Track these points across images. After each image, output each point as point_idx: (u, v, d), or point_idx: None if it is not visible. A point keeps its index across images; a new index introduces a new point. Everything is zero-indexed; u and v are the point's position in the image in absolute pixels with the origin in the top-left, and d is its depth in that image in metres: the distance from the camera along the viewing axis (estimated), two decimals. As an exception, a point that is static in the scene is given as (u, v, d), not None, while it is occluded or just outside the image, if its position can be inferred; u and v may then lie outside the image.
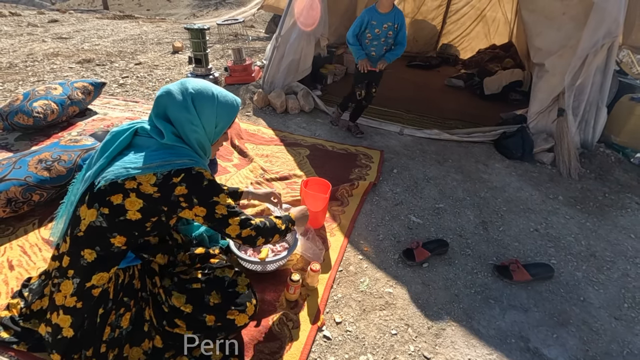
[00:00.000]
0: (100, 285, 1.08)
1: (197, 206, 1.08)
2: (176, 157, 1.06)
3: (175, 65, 4.68)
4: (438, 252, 1.88)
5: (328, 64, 4.55)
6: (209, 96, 1.11)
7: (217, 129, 1.16)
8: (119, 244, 1.07)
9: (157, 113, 1.12)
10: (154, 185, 1.02)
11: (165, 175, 1.03)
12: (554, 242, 2.08)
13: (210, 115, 1.11)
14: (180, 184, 1.04)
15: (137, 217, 1.05)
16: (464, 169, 2.79)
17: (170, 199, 1.05)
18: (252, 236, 1.19)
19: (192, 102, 1.09)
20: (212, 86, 1.15)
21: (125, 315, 1.15)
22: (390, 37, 2.64)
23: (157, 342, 1.19)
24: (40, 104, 2.60)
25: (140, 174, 1.01)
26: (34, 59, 4.53)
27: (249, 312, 1.23)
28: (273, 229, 1.28)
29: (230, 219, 1.14)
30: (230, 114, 1.17)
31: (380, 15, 2.57)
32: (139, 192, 1.03)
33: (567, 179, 2.76)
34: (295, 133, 3.11)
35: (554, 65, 2.91)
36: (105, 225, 1.04)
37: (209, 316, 1.18)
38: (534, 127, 3.13)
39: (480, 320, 1.57)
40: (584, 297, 1.73)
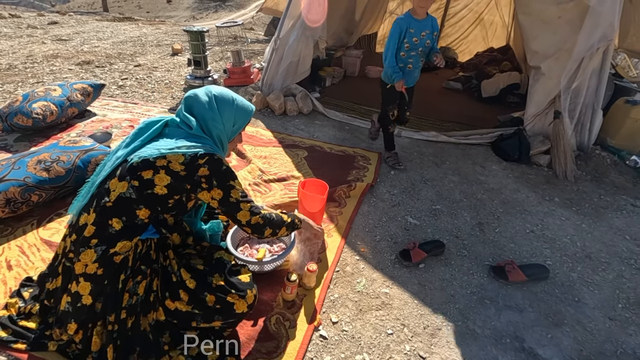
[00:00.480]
0: (123, 252, 1.17)
1: (215, 188, 1.21)
2: (202, 144, 1.21)
3: (174, 67, 4.70)
4: (434, 252, 1.90)
5: (327, 67, 4.57)
6: (229, 99, 1.30)
7: (235, 127, 1.33)
8: (142, 216, 1.19)
9: (185, 108, 1.29)
10: (182, 164, 1.17)
11: (192, 157, 1.17)
12: (550, 243, 2.10)
13: (229, 115, 1.29)
14: (204, 166, 1.18)
15: (164, 192, 1.18)
16: (461, 171, 2.81)
17: (194, 178, 1.18)
18: (260, 224, 1.30)
19: (216, 102, 1.27)
20: (233, 93, 1.34)
21: (142, 282, 1.22)
22: (428, 47, 2.40)
23: (160, 314, 1.25)
24: (39, 105, 2.62)
25: (171, 153, 1.17)
26: (34, 60, 4.54)
27: (248, 299, 1.28)
28: (280, 222, 1.39)
29: (242, 204, 1.26)
30: (246, 115, 1.35)
31: (418, 22, 2.31)
32: (168, 169, 1.17)
33: (563, 180, 2.78)
34: (293, 135, 3.13)
35: (550, 68, 2.93)
36: (135, 197, 1.17)
37: (209, 295, 1.24)
38: (530, 129, 3.15)
39: (475, 320, 1.58)
40: (578, 297, 1.75)
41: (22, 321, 1.31)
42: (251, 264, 1.57)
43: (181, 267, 1.29)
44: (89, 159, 2.06)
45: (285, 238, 1.77)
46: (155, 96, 3.75)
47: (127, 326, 1.18)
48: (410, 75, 2.47)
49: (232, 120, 1.30)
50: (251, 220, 1.28)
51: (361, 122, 3.48)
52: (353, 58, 5.02)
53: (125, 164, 1.18)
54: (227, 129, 1.31)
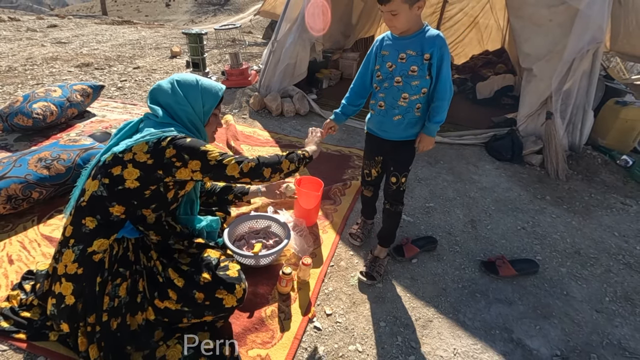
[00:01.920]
0: (101, 251, 1.18)
1: (190, 161, 1.17)
2: (167, 129, 1.21)
3: (173, 70, 4.75)
4: (427, 248, 1.94)
5: (324, 69, 4.63)
6: (192, 81, 1.29)
7: (205, 108, 1.31)
8: (117, 212, 1.19)
9: (150, 101, 1.29)
10: (146, 152, 1.15)
11: (155, 142, 1.16)
12: (540, 239, 2.15)
13: (195, 96, 1.28)
14: (168, 147, 1.16)
15: (136, 185, 1.17)
16: (454, 170, 2.86)
17: (164, 162, 1.16)
18: (253, 167, 1.24)
19: (179, 87, 1.26)
20: (195, 75, 1.33)
21: (122, 285, 1.21)
22: (415, 77, 1.46)
23: (150, 314, 1.24)
24: (39, 105, 2.66)
25: (135, 144, 1.16)
26: (33, 62, 4.59)
27: (237, 293, 1.28)
28: (275, 158, 1.32)
29: (225, 160, 1.22)
30: (214, 94, 1.32)
31: (396, 40, 1.49)
32: (135, 162, 1.16)
33: (555, 180, 2.83)
34: (290, 135, 3.17)
35: (542, 69, 3.00)
36: (106, 195, 1.17)
37: (198, 293, 1.24)
38: (523, 130, 3.21)
39: (466, 313, 1.62)
40: (567, 291, 1.79)
41: (23, 312, 1.34)
42: (247, 258, 1.61)
43: (168, 267, 1.28)
44: (89, 157, 2.10)
45: (281, 232, 1.82)
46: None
47: (111, 328, 1.18)
48: (384, 120, 1.59)
49: (200, 101, 1.29)
50: (242, 168, 1.23)
51: (357, 123, 3.53)
52: (350, 61, 5.09)
53: (99, 163, 1.22)
54: (198, 111, 1.30)
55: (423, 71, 1.45)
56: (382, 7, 1.38)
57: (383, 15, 1.40)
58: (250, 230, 1.85)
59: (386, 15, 1.39)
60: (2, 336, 1.29)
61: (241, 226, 1.82)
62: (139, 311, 1.23)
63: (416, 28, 1.44)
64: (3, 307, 1.36)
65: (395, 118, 1.56)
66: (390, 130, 1.61)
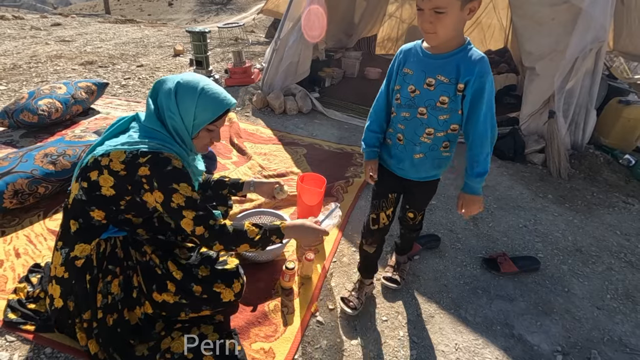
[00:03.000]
0: (83, 256, 1.15)
1: (156, 190, 1.09)
2: (149, 140, 1.11)
3: (176, 68, 4.77)
4: (429, 246, 1.95)
5: (326, 67, 4.65)
6: (192, 88, 1.14)
7: (196, 122, 1.15)
8: (98, 217, 1.15)
9: (151, 93, 1.19)
10: (122, 162, 1.08)
11: (134, 155, 1.07)
12: (542, 237, 2.16)
13: (189, 106, 1.13)
14: (145, 165, 1.07)
15: (111, 194, 1.11)
16: (456, 168, 2.86)
17: (134, 178, 1.08)
18: (205, 237, 1.13)
19: (176, 90, 1.14)
20: (205, 82, 1.17)
21: (114, 282, 1.20)
22: (444, 111, 1.17)
23: (147, 308, 1.24)
24: (45, 102, 2.68)
25: (114, 150, 1.08)
26: (38, 60, 4.62)
27: (235, 288, 1.28)
28: (240, 237, 1.18)
29: (185, 211, 1.10)
30: (211, 110, 1.16)
31: (427, 57, 1.17)
32: (110, 169, 1.09)
33: (557, 178, 2.84)
34: (293, 133, 3.19)
35: (545, 68, 3.00)
36: (85, 199, 1.13)
37: (196, 286, 1.23)
38: (525, 128, 3.21)
39: (467, 309, 1.63)
40: (568, 288, 1.80)
41: (30, 304, 1.36)
42: (251, 253, 1.62)
43: (167, 260, 1.25)
44: (94, 153, 2.12)
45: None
46: (158, 95, 3.81)
47: (108, 324, 1.18)
48: (402, 157, 1.30)
49: (191, 113, 1.14)
50: (195, 230, 1.12)
51: (360, 121, 3.54)
52: (352, 60, 5.09)
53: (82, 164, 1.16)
54: (187, 123, 1.15)
55: (455, 104, 1.14)
56: (424, 3, 1.03)
57: (420, 16, 1.05)
58: (254, 226, 1.86)
59: (426, 15, 1.04)
60: (10, 327, 1.31)
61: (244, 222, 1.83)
62: (137, 306, 1.23)
63: (457, 43, 1.10)
64: (10, 299, 1.38)
65: (416, 156, 1.26)
66: (409, 170, 1.32)
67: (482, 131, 1.15)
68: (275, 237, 1.24)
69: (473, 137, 1.17)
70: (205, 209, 1.15)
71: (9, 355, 1.24)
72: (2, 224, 1.81)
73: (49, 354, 1.26)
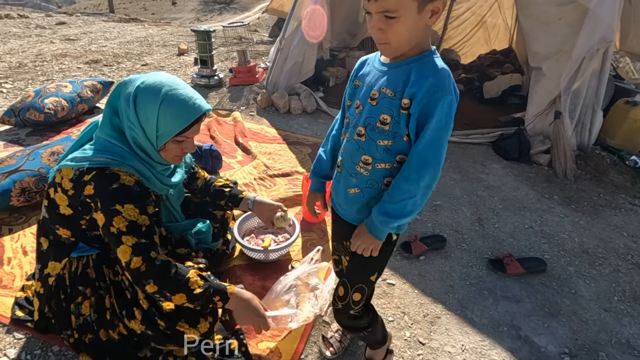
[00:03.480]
0: (54, 274, 1.11)
1: (98, 211, 0.97)
2: (99, 154, 0.98)
3: (180, 67, 4.78)
4: (435, 246, 1.94)
5: (330, 67, 4.64)
6: (154, 94, 0.98)
7: (160, 133, 1.01)
8: (65, 235, 1.07)
9: (111, 99, 1.04)
10: (70, 180, 0.98)
11: (81, 172, 0.97)
12: (548, 238, 2.14)
13: (150, 116, 0.98)
14: (90, 183, 0.96)
15: (69, 213, 1.02)
16: (462, 169, 2.85)
17: (81, 198, 0.97)
18: (140, 271, 0.97)
19: (135, 96, 0.99)
20: (170, 84, 1.00)
21: (84, 303, 1.13)
22: (386, 134, 0.90)
23: (122, 329, 1.14)
24: (51, 100, 2.69)
25: (64, 165, 0.99)
26: (43, 59, 4.64)
27: (201, 328, 1.11)
28: (179, 284, 1.00)
29: (125, 237, 0.96)
30: (178, 119, 1.01)
31: (378, 66, 0.95)
32: (61, 187, 0.99)
33: (563, 179, 2.82)
34: (297, 132, 3.19)
35: (551, 69, 2.98)
36: (47, 217, 1.06)
37: (160, 320, 1.09)
38: (531, 129, 3.20)
39: (473, 310, 1.63)
40: (575, 290, 1.79)
41: (37, 302, 1.36)
42: (257, 252, 1.62)
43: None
44: (100, 152, 2.12)
45: (289, 229, 1.83)
46: (162, 94, 3.82)
47: (87, 343, 1.13)
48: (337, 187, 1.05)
49: (154, 123, 0.99)
50: (130, 262, 0.96)
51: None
52: (356, 59, 5.05)
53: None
54: (149, 134, 1.00)
55: (399, 127, 0.87)
56: (370, 5, 0.80)
57: (369, 21, 0.84)
58: (260, 225, 1.87)
59: (375, 20, 0.82)
60: (18, 325, 1.32)
61: (250, 221, 1.83)
62: (110, 329, 1.14)
63: (417, 51, 0.87)
64: (18, 296, 1.39)
65: (350, 191, 0.99)
66: (346, 208, 1.03)
67: (416, 165, 0.86)
68: (219, 299, 1.06)
69: (405, 166, 0.88)
70: (149, 238, 0.99)
71: (17, 353, 1.25)
72: (10, 221, 1.82)
73: (57, 352, 1.26)
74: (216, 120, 3.16)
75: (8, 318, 1.33)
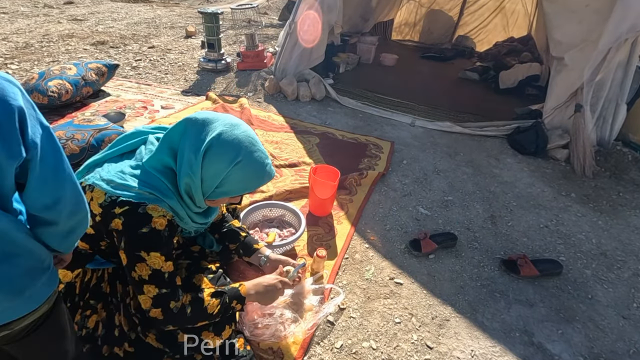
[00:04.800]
0: (64, 282, 1.07)
1: (122, 250, 0.93)
2: (138, 186, 0.91)
3: (187, 50, 4.68)
4: (445, 245, 1.87)
5: (341, 53, 4.50)
6: (229, 154, 0.92)
7: (219, 190, 0.97)
8: (82, 247, 1.02)
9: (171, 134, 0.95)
10: (100, 205, 0.91)
11: (112, 201, 0.90)
12: (564, 239, 2.06)
13: (217, 173, 0.94)
14: (119, 217, 0.89)
15: (91, 232, 0.98)
16: (474, 163, 2.75)
17: (108, 228, 0.92)
18: (158, 320, 0.97)
19: (208, 149, 0.91)
20: (248, 144, 0.94)
21: (92, 317, 1.10)
22: None
23: (127, 347, 1.10)
24: (55, 83, 2.63)
25: (97, 186, 0.92)
26: (49, 39, 4.57)
27: (224, 335, 1.13)
28: (198, 315, 1.01)
29: (147, 286, 0.93)
30: (245, 185, 0.99)
31: None
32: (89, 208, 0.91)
33: (581, 176, 2.71)
34: (305, 121, 3.10)
35: (574, 59, 2.83)
36: None
37: (180, 335, 1.08)
38: (549, 122, 3.06)
39: (484, 313, 1.56)
40: (592, 294, 1.71)
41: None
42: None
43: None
44: (103, 137, 2.07)
45: (295, 222, 1.77)
46: (169, 78, 3.74)
47: (83, 352, 1.07)
48: None
49: (217, 181, 0.95)
50: (150, 311, 0.95)
51: (375, 110, 3.42)
52: (368, 45, 4.92)
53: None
54: (206, 188, 0.96)
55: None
56: None
57: None
58: (264, 219, 1.81)
59: None
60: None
61: (255, 214, 1.78)
62: (116, 346, 1.10)
63: None
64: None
65: None
66: None
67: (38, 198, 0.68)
68: (237, 303, 1.10)
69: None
70: (171, 286, 0.97)
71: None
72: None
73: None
74: (222, 107, 3.08)
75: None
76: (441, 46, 6.25)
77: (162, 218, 0.92)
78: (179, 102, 3.17)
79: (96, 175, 0.96)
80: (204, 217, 1.10)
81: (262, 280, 1.19)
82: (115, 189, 0.91)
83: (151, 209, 0.91)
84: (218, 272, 1.28)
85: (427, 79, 4.69)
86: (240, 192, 1.02)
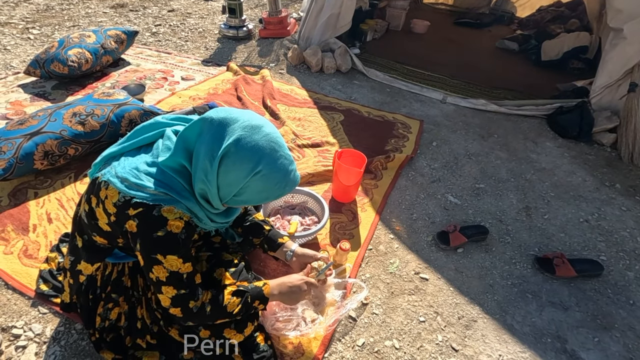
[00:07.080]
0: (86, 274, 1.07)
1: (138, 252, 0.90)
2: (154, 186, 0.85)
3: (208, 14, 4.49)
4: (476, 239, 1.77)
5: (369, 19, 4.19)
6: (248, 164, 0.84)
7: (238, 198, 0.91)
8: (100, 242, 1.00)
9: (186, 133, 0.87)
10: (114, 205, 0.87)
11: (126, 201, 0.84)
12: (606, 236, 1.91)
13: (234, 182, 0.86)
14: (133, 219, 0.85)
15: (108, 230, 0.94)
16: (510, 146, 2.57)
17: (122, 229, 0.88)
18: (177, 317, 0.97)
19: (224, 155, 0.84)
20: (270, 152, 0.86)
21: (114, 309, 1.12)
22: None
23: (149, 339, 1.13)
24: (74, 52, 2.57)
25: (112, 184, 0.86)
26: (70, 2, 4.46)
27: (247, 332, 1.13)
28: (217, 313, 1.00)
29: (166, 287, 0.92)
30: (265, 195, 0.91)
31: None
32: (104, 207, 0.89)
33: (628, 165, 2.49)
34: (329, 95, 2.94)
35: (635, 31, 2.51)
36: (86, 222, 0.97)
37: (203, 330, 1.09)
38: (596, 102, 2.79)
39: (514, 315, 1.49)
40: (633, 300, 1.59)
41: (60, 276, 1.34)
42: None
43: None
44: (122, 113, 2.02)
45: (318, 210, 1.70)
46: (189, 46, 3.61)
47: (107, 341, 1.12)
48: None
49: (234, 190, 0.88)
50: (170, 309, 0.95)
51: (403, 84, 3.22)
52: (398, 10, 4.57)
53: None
54: (224, 195, 0.89)
55: None
56: None
57: None
58: (286, 205, 1.75)
59: None
60: (42, 299, 1.31)
61: (277, 200, 1.71)
62: (139, 338, 1.13)
63: None
64: (42, 269, 1.37)
65: None
66: None
67: None
68: (259, 303, 1.08)
69: None
70: (190, 286, 0.94)
71: (42, 328, 1.25)
72: (36, 184, 1.79)
73: (79, 330, 1.25)
74: (244, 79, 2.95)
75: (33, 291, 1.33)
76: (477, 11, 5.74)
77: (179, 220, 0.87)
78: (200, 73, 3.06)
79: (112, 170, 0.90)
80: (224, 217, 1.04)
81: (287, 280, 1.16)
82: (129, 188, 0.86)
83: (166, 211, 0.85)
84: (240, 266, 1.24)
85: (460, 48, 4.35)
86: (261, 202, 0.95)
